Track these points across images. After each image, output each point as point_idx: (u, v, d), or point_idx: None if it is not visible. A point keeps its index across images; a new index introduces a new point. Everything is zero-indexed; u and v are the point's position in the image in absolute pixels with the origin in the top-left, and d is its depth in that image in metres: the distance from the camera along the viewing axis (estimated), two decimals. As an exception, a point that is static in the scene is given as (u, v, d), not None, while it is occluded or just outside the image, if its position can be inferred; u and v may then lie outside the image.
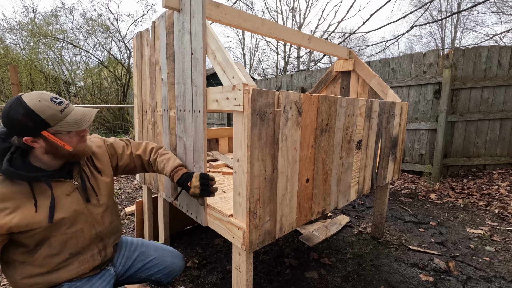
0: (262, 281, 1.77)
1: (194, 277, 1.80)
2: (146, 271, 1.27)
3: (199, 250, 2.13)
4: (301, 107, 1.17)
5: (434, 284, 1.76)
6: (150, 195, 2.05)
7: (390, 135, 1.99)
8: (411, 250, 2.18)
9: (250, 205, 1.02)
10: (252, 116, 0.97)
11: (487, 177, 3.78)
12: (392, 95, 2.16)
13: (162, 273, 1.29)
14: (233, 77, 1.03)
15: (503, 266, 1.95)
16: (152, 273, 1.27)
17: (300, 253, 2.12)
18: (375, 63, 4.58)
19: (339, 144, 1.46)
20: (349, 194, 1.66)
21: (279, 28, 1.81)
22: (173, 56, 1.41)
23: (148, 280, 1.29)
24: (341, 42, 9.33)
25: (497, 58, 3.76)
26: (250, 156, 0.98)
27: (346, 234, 2.46)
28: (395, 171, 2.19)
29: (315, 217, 1.40)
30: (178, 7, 1.28)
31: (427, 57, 4.06)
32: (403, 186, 3.88)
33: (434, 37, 16.36)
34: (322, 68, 5.82)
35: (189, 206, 1.40)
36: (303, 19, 14.16)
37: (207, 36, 1.16)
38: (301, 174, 1.24)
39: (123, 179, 4.33)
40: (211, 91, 1.16)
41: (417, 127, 4.19)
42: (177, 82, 1.38)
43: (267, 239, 1.13)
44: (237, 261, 1.14)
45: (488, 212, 2.91)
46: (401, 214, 2.90)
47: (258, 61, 15.16)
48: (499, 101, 3.83)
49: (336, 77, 2.66)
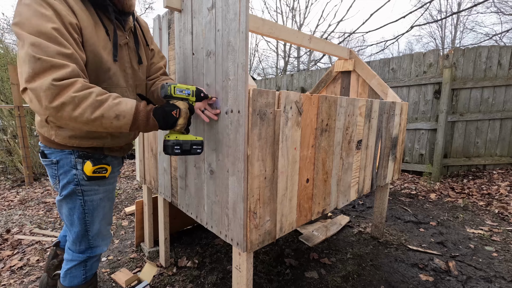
0: (262, 281, 1.77)
1: (194, 277, 1.81)
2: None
3: (199, 250, 2.13)
4: (301, 107, 1.17)
5: (434, 284, 1.76)
6: (150, 195, 2.05)
7: (390, 135, 1.99)
8: (411, 250, 2.18)
9: (250, 205, 1.02)
10: (252, 116, 0.97)
11: (487, 177, 3.78)
12: (392, 95, 2.16)
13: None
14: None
15: (503, 266, 1.95)
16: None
17: (300, 253, 2.12)
18: (375, 63, 4.58)
19: (339, 144, 1.46)
20: (349, 194, 1.66)
21: (279, 28, 1.82)
22: (174, 56, 1.41)
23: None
24: (340, 42, 9.33)
25: (497, 58, 3.76)
26: (250, 156, 0.99)
27: (346, 234, 2.46)
28: (395, 171, 2.19)
29: (315, 217, 1.40)
30: (180, 8, 1.28)
31: (427, 57, 4.06)
32: (403, 186, 3.88)
33: (434, 37, 16.36)
34: (322, 68, 5.82)
35: (189, 206, 1.40)
36: (303, 19, 14.15)
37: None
38: (301, 174, 1.24)
39: (123, 179, 4.33)
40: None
41: (417, 127, 4.19)
42: (178, 82, 1.38)
43: (267, 239, 1.13)
44: (237, 261, 1.14)
45: (488, 212, 2.91)
46: (401, 214, 2.90)
47: (258, 61, 15.15)
48: (499, 101, 3.83)
49: (336, 77, 2.66)
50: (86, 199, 1.10)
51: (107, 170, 1.09)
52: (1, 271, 1.90)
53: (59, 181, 1.09)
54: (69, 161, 1.06)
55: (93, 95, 0.84)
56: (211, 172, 1.18)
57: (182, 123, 1.00)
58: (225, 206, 1.12)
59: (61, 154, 1.06)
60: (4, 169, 4.50)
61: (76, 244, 1.15)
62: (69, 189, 1.07)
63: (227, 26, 1.01)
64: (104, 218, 1.19)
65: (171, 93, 0.98)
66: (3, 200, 3.39)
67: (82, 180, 1.07)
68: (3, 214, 2.94)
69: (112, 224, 1.26)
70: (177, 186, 1.49)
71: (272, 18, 13.27)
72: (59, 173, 1.07)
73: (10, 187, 3.90)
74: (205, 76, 1.17)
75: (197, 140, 1.04)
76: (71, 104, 0.80)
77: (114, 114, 0.87)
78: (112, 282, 1.77)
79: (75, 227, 1.13)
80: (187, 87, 1.02)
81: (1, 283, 1.77)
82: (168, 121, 0.97)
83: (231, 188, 1.07)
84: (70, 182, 1.07)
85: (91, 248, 1.18)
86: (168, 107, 0.97)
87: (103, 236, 1.21)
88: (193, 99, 1.05)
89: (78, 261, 1.17)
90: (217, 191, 1.16)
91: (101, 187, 1.14)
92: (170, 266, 1.93)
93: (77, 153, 1.06)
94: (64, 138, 1.03)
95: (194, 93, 1.04)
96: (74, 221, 1.12)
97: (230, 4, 0.98)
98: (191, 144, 1.02)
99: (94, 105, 0.84)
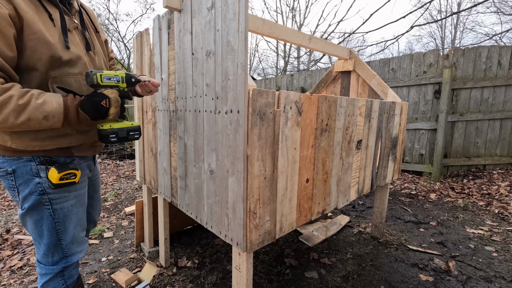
0: (262, 281, 1.77)
1: (194, 277, 1.80)
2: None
3: (199, 250, 2.13)
4: (301, 107, 1.17)
5: (434, 284, 1.76)
6: (150, 195, 2.05)
7: (390, 135, 1.99)
8: (411, 250, 2.18)
9: (250, 205, 1.02)
10: (252, 116, 0.97)
11: (487, 177, 3.78)
12: (392, 95, 2.16)
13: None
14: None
15: (503, 266, 1.95)
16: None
17: (300, 253, 2.12)
18: (375, 63, 4.58)
19: (339, 144, 1.46)
20: (349, 194, 1.66)
21: (279, 28, 1.82)
22: (174, 56, 1.41)
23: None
24: (340, 42, 9.33)
25: (497, 58, 3.76)
26: (250, 156, 0.99)
27: (346, 234, 2.46)
28: (395, 171, 2.19)
29: (315, 217, 1.40)
30: (179, 7, 1.28)
31: (427, 57, 4.06)
32: (403, 186, 3.88)
33: (434, 37, 16.35)
34: (322, 68, 5.82)
35: (189, 206, 1.40)
36: (303, 19, 14.16)
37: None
38: (301, 174, 1.24)
39: (123, 179, 4.33)
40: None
41: (417, 127, 4.19)
42: (178, 82, 1.38)
43: (267, 239, 1.13)
44: (237, 261, 1.14)
45: (488, 212, 2.91)
46: (401, 214, 2.90)
47: (258, 61, 15.14)
48: (499, 101, 3.83)
49: (336, 77, 2.66)
50: (55, 208, 1.00)
51: (76, 175, 0.99)
52: (1, 271, 1.90)
53: (18, 193, 0.97)
54: (29, 169, 0.95)
55: (13, 99, 0.77)
56: (211, 172, 1.18)
57: (114, 112, 0.95)
58: (225, 206, 1.12)
59: (17, 162, 0.95)
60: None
61: (48, 256, 1.04)
62: (32, 201, 0.97)
63: (227, 26, 1.00)
64: (78, 224, 1.10)
65: (97, 81, 0.92)
66: (3, 200, 3.39)
67: (48, 188, 0.97)
68: (3, 214, 2.94)
69: (85, 229, 1.20)
70: (177, 186, 1.49)
71: (272, 18, 13.27)
72: (17, 183, 0.96)
73: (10, 187, 3.89)
74: (205, 76, 1.17)
75: (134, 126, 1.01)
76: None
77: (42, 115, 0.80)
78: (112, 282, 1.78)
79: (45, 239, 1.02)
80: (115, 74, 0.97)
81: (1, 283, 1.77)
82: (99, 112, 0.91)
83: (231, 188, 1.07)
84: (32, 193, 0.96)
85: (66, 257, 1.08)
86: (96, 98, 0.91)
87: (78, 243, 1.11)
88: (124, 85, 1.00)
89: (53, 274, 1.07)
90: (217, 191, 1.16)
91: (71, 193, 1.04)
92: (170, 266, 1.93)
93: (37, 160, 0.96)
94: (23, 142, 0.92)
95: (123, 79, 0.99)
96: (43, 232, 1.01)
97: (229, 4, 0.98)
98: (128, 130, 1.00)
99: (17, 110, 0.77)
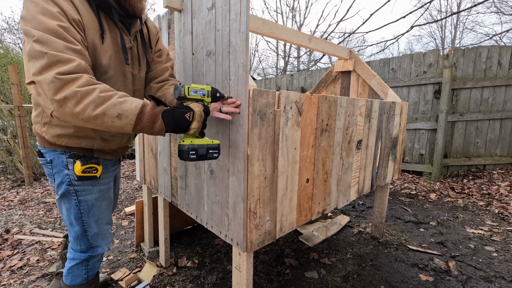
0: (262, 281, 1.77)
1: (194, 277, 1.80)
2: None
3: (199, 250, 2.13)
4: (301, 107, 1.17)
5: (434, 284, 1.76)
6: (150, 195, 2.05)
7: (390, 135, 1.99)
8: (411, 250, 2.18)
9: (250, 205, 1.02)
10: (252, 116, 0.97)
11: (487, 177, 3.78)
12: (392, 95, 2.16)
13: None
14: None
15: (503, 266, 1.95)
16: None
17: (300, 253, 2.12)
18: (375, 63, 4.58)
19: (339, 144, 1.46)
20: (349, 194, 1.66)
21: (279, 28, 1.82)
22: (174, 56, 1.41)
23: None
24: (340, 42, 9.33)
25: (497, 58, 3.76)
26: (250, 156, 0.98)
27: (346, 234, 2.46)
28: (395, 171, 2.19)
29: (315, 217, 1.40)
30: (180, 8, 1.28)
31: (427, 57, 4.06)
32: (403, 186, 3.88)
33: (434, 37, 16.35)
34: (322, 68, 5.82)
35: (189, 206, 1.40)
36: (303, 19, 14.17)
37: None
38: (301, 174, 1.24)
39: (123, 179, 4.33)
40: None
41: (417, 127, 4.19)
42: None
43: (267, 239, 1.13)
44: (237, 261, 1.14)
45: (488, 212, 2.91)
46: (401, 214, 2.90)
47: (258, 61, 15.14)
48: (499, 101, 3.83)
49: (336, 77, 2.66)
50: (80, 199, 1.10)
51: (98, 170, 1.08)
52: (1, 271, 1.90)
53: (54, 180, 1.10)
54: (61, 161, 1.07)
55: (96, 91, 0.81)
56: (211, 172, 1.18)
57: (196, 127, 0.91)
58: (225, 206, 1.12)
59: (53, 154, 1.07)
60: (4, 169, 4.50)
61: (77, 243, 1.16)
62: (63, 189, 1.08)
63: (227, 26, 1.01)
64: (102, 218, 1.19)
65: (185, 94, 0.92)
66: (3, 200, 3.39)
67: (74, 180, 1.07)
68: (3, 214, 2.94)
69: (112, 224, 1.26)
70: (177, 186, 1.49)
71: (272, 18, 13.27)
72: (53, 172, 1.09)
73: (10, 187, 3.90)
74: (205, 76, 1.17)
75: (214, 144, 0.96)
76: (74, 99, 0.79)
77: (117, 112, 0.82)
78: (112, 282, 1.77)
79: (74, 227, 1.14)
80: (202, 87, 0.95)
81: (1, 283, 1.77)
82: (180, 124, 0.89)
83: (231, 188, 1.07)
84: (63, 182, 1.08)
85: (92, 248, 1.19)
86: (181, 109, 0.90)
87: (103, 236, 1.21)
88: (209, 100, 0.97)
89: (79, 260, 1.18)
90: (217, 191, 1.16)
91: (95, 187, 1.13)
92: (170, 266, 1.93)
93: (68, 154, 1.06)
94: (53, 136, 1.03)
95: (209, 93, 0.96)
96: (72, 221, 1.13)
97: (231, 5, 0.98)
98: (207, 148, 0.94)
99: (97, 102, 0.80)
